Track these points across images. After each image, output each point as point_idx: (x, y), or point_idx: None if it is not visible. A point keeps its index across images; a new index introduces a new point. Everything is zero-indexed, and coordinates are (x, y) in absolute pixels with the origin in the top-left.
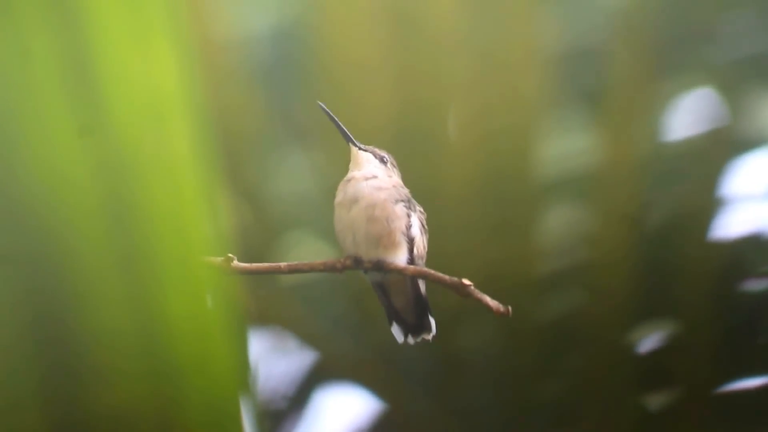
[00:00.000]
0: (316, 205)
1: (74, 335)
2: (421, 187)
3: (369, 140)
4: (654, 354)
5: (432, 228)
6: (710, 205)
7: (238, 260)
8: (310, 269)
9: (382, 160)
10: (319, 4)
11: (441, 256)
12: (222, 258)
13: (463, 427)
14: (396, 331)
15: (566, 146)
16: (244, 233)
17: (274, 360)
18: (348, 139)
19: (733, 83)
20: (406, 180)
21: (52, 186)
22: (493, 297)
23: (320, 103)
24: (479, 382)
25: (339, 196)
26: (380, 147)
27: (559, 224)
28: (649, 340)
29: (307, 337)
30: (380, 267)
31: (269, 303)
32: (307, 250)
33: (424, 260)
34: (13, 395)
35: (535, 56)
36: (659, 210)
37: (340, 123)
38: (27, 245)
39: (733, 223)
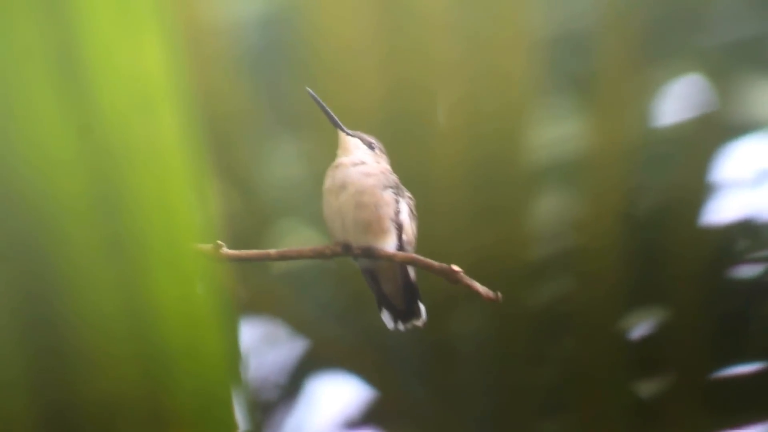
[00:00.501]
0: (307, 192)
1: (63, 322)
2: (410, 172)
3: (358, 125)
4: (645, 340)
5: (421, 214)
6: (700, 190)
7: (228, 248)
8: (300, 256)
9: (369, 146)
10: None
11: (431, 242)
12: (211, 245)
13: (454, 414)
14: (386, 318)
15: (556, 131)
16: (234, 221)
17: (264, 348)
18: (336, 125)
19: (722, 69)
20: (395, 165)
21: (39, 173)
22: (483, 283)
23: (308, 89)
24: (470, 368)
25: (327, 182)
26: (369, 132)
27: (549, 209)
28: (640, 327)
29: (297, 325)
30: (369, 253)
31: (259, 291)
32: (298, 238)
33: (414, 246)
34: (2, 381)
35: (524, 40)
36: (649, 195)
37: (327, 108)
38: (15, 232)
39: (723, 209)
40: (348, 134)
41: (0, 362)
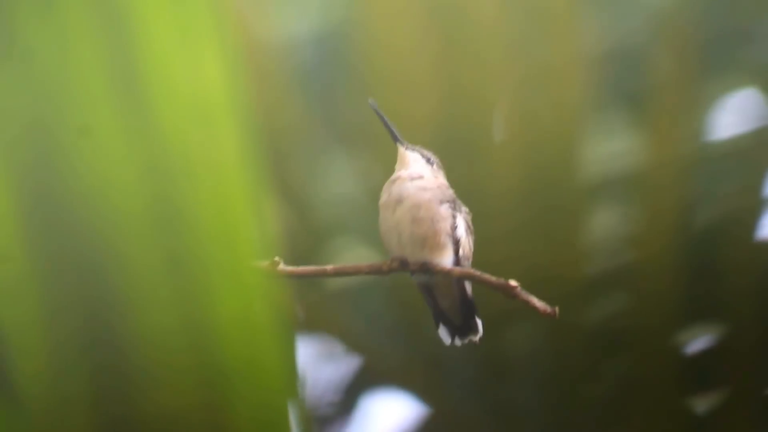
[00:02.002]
0: (363, 210)
1: (123, 338)
2: (466, 189)
3: (413, 139)
4: (701, 355)
5: (477, 230)
6: (756, 204)
7: (284, 264)
8: (356, 272)
9: (428, 161)
10: (364, 4)
11: (487, 259)
12: (268, 261)
13: (510, 429)
14: (443, 333)
15: (611, 146)
16: (290, 238)
17: (320, 365)
18: (395, 139)
19: None
20: (451, 179)
21: (99, 189)
22: (539, 299)
23: (371, 101)
24: (525, 384)
25: (384, 197)
26: (424, 146)
27: (605, 225)
28: (696, 342)
29: (352, 342)
30: (426, 269)
31: (316, 308)
32: (353, 256)
33: (470, 261)
34: (63, 396)
35: (579, 55)
36: (705, 210)
37: (388, 121)
38: (75, 249)
39: None
40: (407, 148)
41: (62, 378)
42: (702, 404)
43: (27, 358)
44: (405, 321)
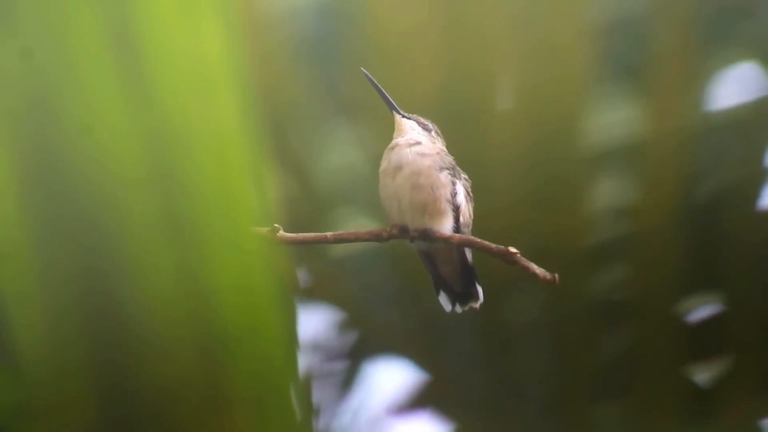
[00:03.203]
0: (364, 179)
1: (124, 306)
2: (467, 157)
3: (415, 110)
4: (702, 325)
5: (479, 201)
6: (757, 175)
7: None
8: (356, 238)
9: (425, 128)
10: None
11: (487, 227)
12: (268, 228)
13: (510, 397)
14: (443, 300)
15: (612, 117)
16: (292, 208)
17: (321, 332)
18: (391, 107)
19: None
20: (453, 150)
21: (100, 159)
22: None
23: (363, 70)
24: (526, 352)
25: (383, 164)
26: (426, 117)
27: (606, 195)
28: (697, 311)
29: (353, 309)
30: (426, 236)
31: (317, 277)
32: (355, 225)
33: (470, 228)
34: (63, 365)
35: (581, 27)
36: (706, 180)
37: (382, 90)
38: (77, 219)
39: None
40: (403, 116)
41: (63, 346)
42: (704, 373)
43: (27, 327)
44: (405, 288)
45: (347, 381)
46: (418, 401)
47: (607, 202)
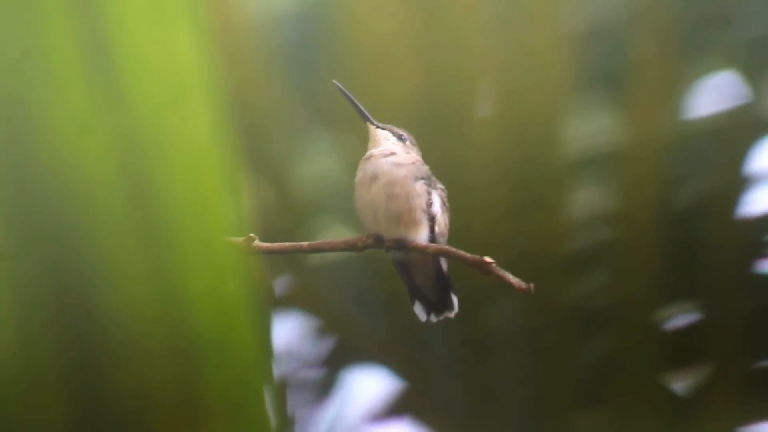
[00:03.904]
0: (342, 188)
1: (95, 314)
2: (445, 166)
3: (393, 118)
4: (681, 332)
5: (455, 207)
6: (735, 182)
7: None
8: (332, 248)
9: (400, 138)
10: None
11: (464, 236)
12: (243, 237)
13: (487, 406)
14: (418, 310)
15: (590, 125)
16: (268, 217)
17: (297, 341)
18: (364, 117)
19: (755, 64)
20: (431, 159)
21: (71, 165)
22: (517, 276)
23: (335, 82)
24: (503, 360)
25: (359, 175)
26: (404, 125)
27: (584, 203)
28: (676, 319)
29: (329, 318)
30: (401, 245)
31: (292, 285)
32: (332, 234)
33: (446, 238)
34: (35, 371)
35: (558, 34)
36: (684, 188)
37: (355, 101)
38: (48, 225)
39: (758, 201)
40: (377, 126)
41: (34, 351)
42: (683, 381)
43: None
44: (382, 297)
45: (324, 389)
46: (396, 409)
47: (585, 210)
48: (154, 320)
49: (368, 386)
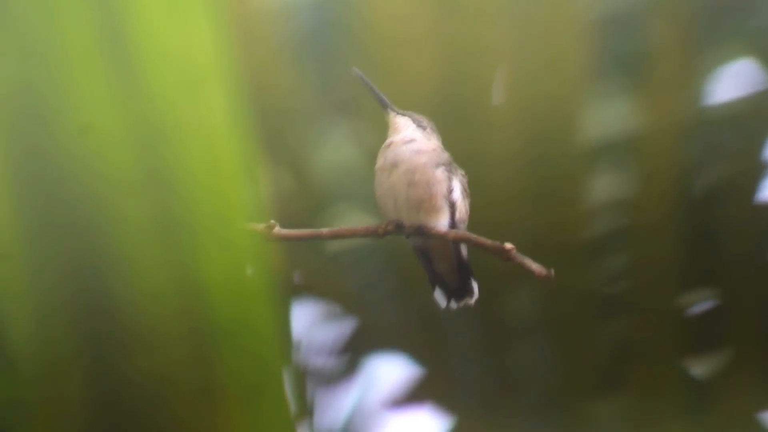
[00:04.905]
0: (362, 175)
1: (115, 301)
2: (463, 152)
3: (412, 106)
4: (701, 318)
5: (475, 194)
6: (754, 168)
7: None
8: (352, 234)
9: (420, 125)
10: None
11: (484, 222)
12: (263, 225)
13: (506, 392)
14: (439, 296)
15: (609, 112)
16: (288, 204)
17: (318, 328)
18: (384, 105)
19: None
20: (450, 145)
21: (90, 154)
22: (537, 262)
23: (355, 69)
24: (523, 347)
25: (379, 162)
26: (423, 113)
27: (603, 189)
28: (695, 305)
29: (349, 305)
30: (421, 232)
31: (312, 271)
32: (351, 221)
33: (466, 224)
34: (55, 360)
35: (576, 21)
36: (703, 174)
37: (375, 88)
38: (67, 214)
39: None
40: (398, 113)
41: (56, 343)
42: (702, 366)
43: (21, 325)
44: (402, 283)
45: (344, 375)
46: (416, 395)
47: (604, 197)
48: (175, 306)
49: (388, 373)
